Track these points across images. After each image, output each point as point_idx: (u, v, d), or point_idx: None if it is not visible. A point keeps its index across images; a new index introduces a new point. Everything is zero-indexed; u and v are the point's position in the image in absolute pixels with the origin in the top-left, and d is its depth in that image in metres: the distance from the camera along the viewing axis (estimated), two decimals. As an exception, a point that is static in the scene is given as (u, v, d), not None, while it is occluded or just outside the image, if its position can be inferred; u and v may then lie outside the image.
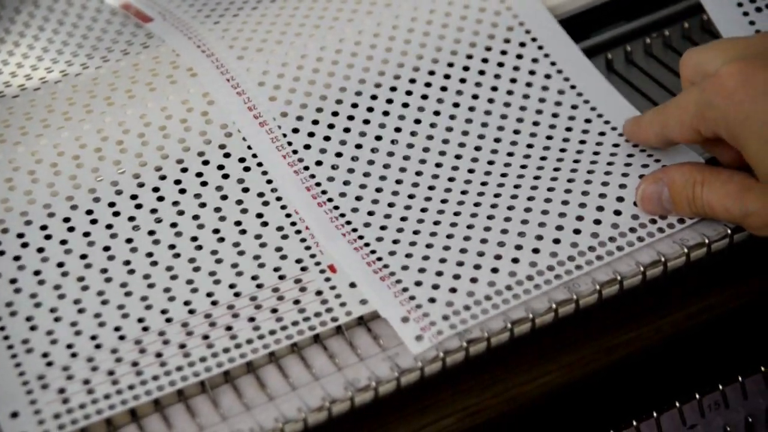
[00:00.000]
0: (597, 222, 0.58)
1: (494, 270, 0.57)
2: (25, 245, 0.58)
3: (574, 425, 0.59)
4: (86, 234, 0.59)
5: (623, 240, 0.57)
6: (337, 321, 0.56)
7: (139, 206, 0.60)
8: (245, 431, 0.52)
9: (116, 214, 0.60)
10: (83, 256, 0.58)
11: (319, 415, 0.53)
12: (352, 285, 0.57)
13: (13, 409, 0.53)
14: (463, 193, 0.60)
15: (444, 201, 0.60)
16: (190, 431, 0.53)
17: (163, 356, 0.55)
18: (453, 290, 0.56)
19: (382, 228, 0.59)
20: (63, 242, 0.59)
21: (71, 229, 0.59)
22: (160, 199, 0.60)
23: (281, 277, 0.57)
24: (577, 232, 0.58)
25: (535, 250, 0.57)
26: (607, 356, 0.58)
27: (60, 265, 0.58)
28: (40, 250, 0.58)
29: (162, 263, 0.58)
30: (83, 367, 0.54)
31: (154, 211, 0.60)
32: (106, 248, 0.58)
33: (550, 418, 0.58)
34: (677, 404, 0.58)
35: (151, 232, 0.59)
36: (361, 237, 0.58)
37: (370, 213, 0.59)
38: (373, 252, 0.58)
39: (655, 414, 0.58)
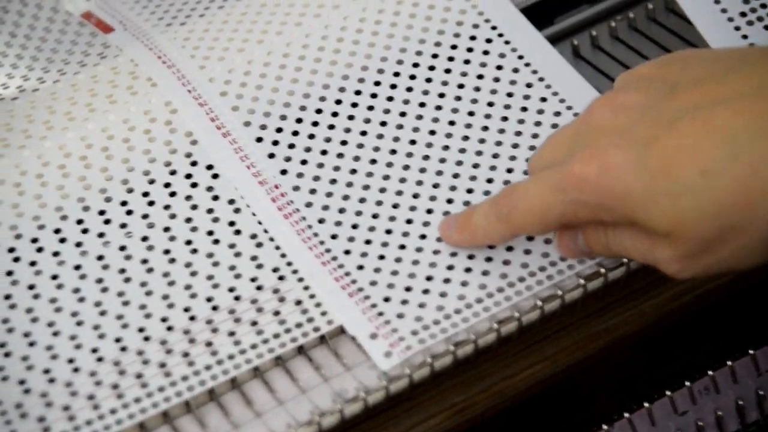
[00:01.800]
0: None
1: (464, 283, 0.56)
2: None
3: (564, 417, 0.58)
4: (55, 254, 0.57)
5: None
6: (319, 331, 0.55)
7: (107, 221, 0.59)
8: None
9: (85, 231, 0.58)
10: (54, 277, 0.57)
11: (308, 429, 0.52)
12: None
13: None
14: (432, 199, 0.59)
15: (413, 209, 0.59)
16: (177, 453, 0.52)
17: (144, 377, 0.53)
18: (422, 305, 0.55)
19: (350, 240, 0.57)
20: (32, 263, 0.57)
21: (40, 250, 0.57)
22: (129, 213, 0.59)
23: (259, 288, 0.56)
24: (548, 242, 0.57)
25: (506, 262, 0.56)
26: (591, 343, 0.57)
27: (31, 287, 0.56)
28: (10, 273, 0.57)
29: (136, 279, 0.57)
30: (61, 393, 0.53)
31: (123, 225, 0.58)
32: (77, 267, 0.57)
33: (540, 410, 0.58)
34: (667, 393, 0.58)
35: (122, 248, 0.58)
36: (328, 250, 0.57)
37: (338, 223, 0.58)
38: (341, 266, 0.57)
39: (646, 404, 0.57)
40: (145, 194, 0.59)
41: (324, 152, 0.61)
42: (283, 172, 0.60)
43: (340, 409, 0.52)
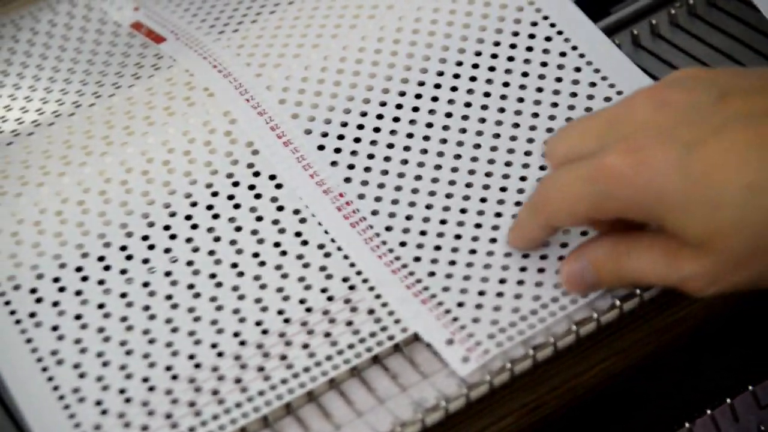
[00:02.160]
0: None
1: (538, 284, 0.55)
2: (62, 289, 0.56)
3: (638, 412, 0.57)
4: (123, 271, 0.57)
5: None
6: (394, 339, 0.54)
7: (173, 237, 0.58)
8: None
9: (151, 247, 0.58)
10: (123, 295, 0.56)
11: (391, 440, 0.52)
12: None
13: None
14: (500, 202, 0.58)
15: (480, 213, 0.58)
16: (257, 471, 0.51)
17: (220, 393, 0.53)
18: (497, 308, 0.55)
19: (419, 247, 0.57)
20: (101, 282, 0.57)
21: (107, 268, 0.57)
22: (194, 227, 0.58)
23: (330, 299, 0.56)
24: None
25: None
26: (659, 336, 0.56)
27: (101, 306, 0.56)
28: (79, 292, 0.56)
29: (205, 294, 0.56)
30: (138, 413, 0.52)
31: (189, 240, 0.58)
32: (146, 284, 0.57)
33: (612, 406, 0.57)
34: (750, 387, 0.57)
35: (190, 263, 0.57)
36: (398, 258, 0.57)
37: (405, 230, 0.57)
38: (411, 274, 0.56)
39: (728, 400, 0.56)
40: (209, 207, 0.59)
41: (387, 158, 0.60)
42: (347, 179, 0.59)
43: (422, 419, 0.52)
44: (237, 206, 0.59)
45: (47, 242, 0.58)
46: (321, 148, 0.60)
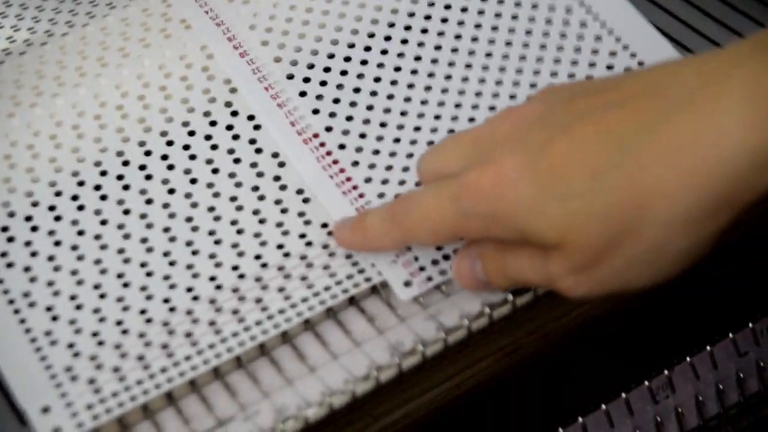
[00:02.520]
0: None
1: None
2: (34, 229, 0.55)
3: (619, 357, 0.57)
4: (97, 212, 0.56)
5: None
6: (371, 281, 0.53)
7: (149, 177, 0.57)
8: (291, 407, 0.50)
9: (126, 187, 0.57)
10: (97, 237, 0.55)
11: (365, 385, 0.51)
12: None
13: (44, 403, 0.51)
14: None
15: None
16: (230, 411, 0.51)
17: (194, 335, 0.52)
18: None
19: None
20: (74, 222, 0.56)
21: (81, 208, 0.56)
22: (170, 167, 0.57)
23: (308, 244, 0.55)
24: None
25: None
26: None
27: (74, 248, 0.55)
28: (51, 232, 0.55)
29: (181, 238, 0.55)
30: (112, 355, 0.52)
31: (165, 181, 0.57)
32: (120, 226, 0.55)
33: (590, 350, 0.56)
34: (730, 334, 0.56)
35: (166, 205, 0.56)
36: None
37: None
38: (361, 196, 0.55)
39: (708, 347, 0.56)
40: (186, 147, 0.58)
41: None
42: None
43: (398, 363, 0.51)
44: (214, 147, 0.58)
45: (18, 178, 0.57)
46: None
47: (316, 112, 0.58)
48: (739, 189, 0.46)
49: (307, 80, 0.59)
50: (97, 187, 0.56)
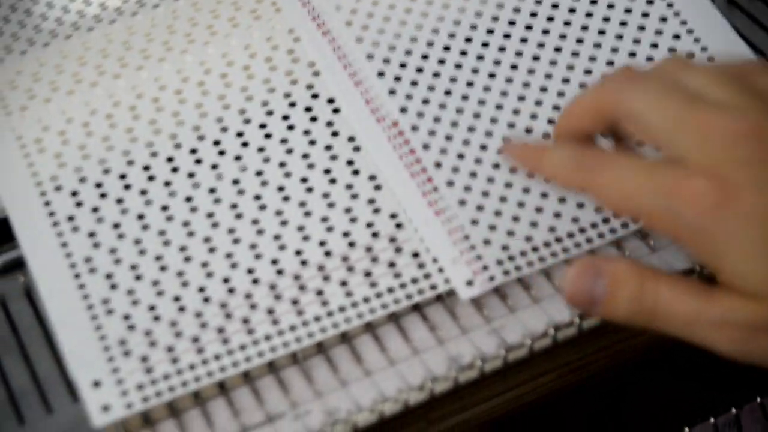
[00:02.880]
0: None
1: (557, 215, 0.53)
2: (103, 195, 0.55)
3: (686, 378, 0.55)
4: (167, 183, 0.55)
5: None
6: (437, 289, 0.52)
7: (222, 153, 0.56)
8: (342, 410, 0.49)
9: (198, 161, 0.56)
10: (164, 208, 0.54)
11: (419, 394, 0.50)
12: None
13: (95, 377, 0.50)
14: (528, 131, 0.56)
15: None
16: (281, 407, 0.50)
17: (250, 323, 0.51)
18: (510, 233, 0.52)
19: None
20: (143, 192, 0.55)
21: (151, 178, 0.55)
22: (245, 144, 0.56)
23: (374, 234, 0.53)
24: None
25: None
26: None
27: (140, 217, 0.54)
28: (119, 200, 0.55)
29: (247, 216, 0.54)
30: (166, 332, 0.51)
31: (237, 158, 0.56)
32: (188, 199, 0.55)
33: (657, 373, 0.55)
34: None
35: (236, 182, 0.55)
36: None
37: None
38: (429, 179, 0.54)
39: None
40: (262, 126, 0.57)
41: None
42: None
43: (455, 376, 0.50)
44: (291, 127, 0.57)
45: (94, 145, 0.56)
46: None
47: (392, 92, 0.57)
48: None
49: (387, 61, 0.58)
50: (170, 159, 0.56)
